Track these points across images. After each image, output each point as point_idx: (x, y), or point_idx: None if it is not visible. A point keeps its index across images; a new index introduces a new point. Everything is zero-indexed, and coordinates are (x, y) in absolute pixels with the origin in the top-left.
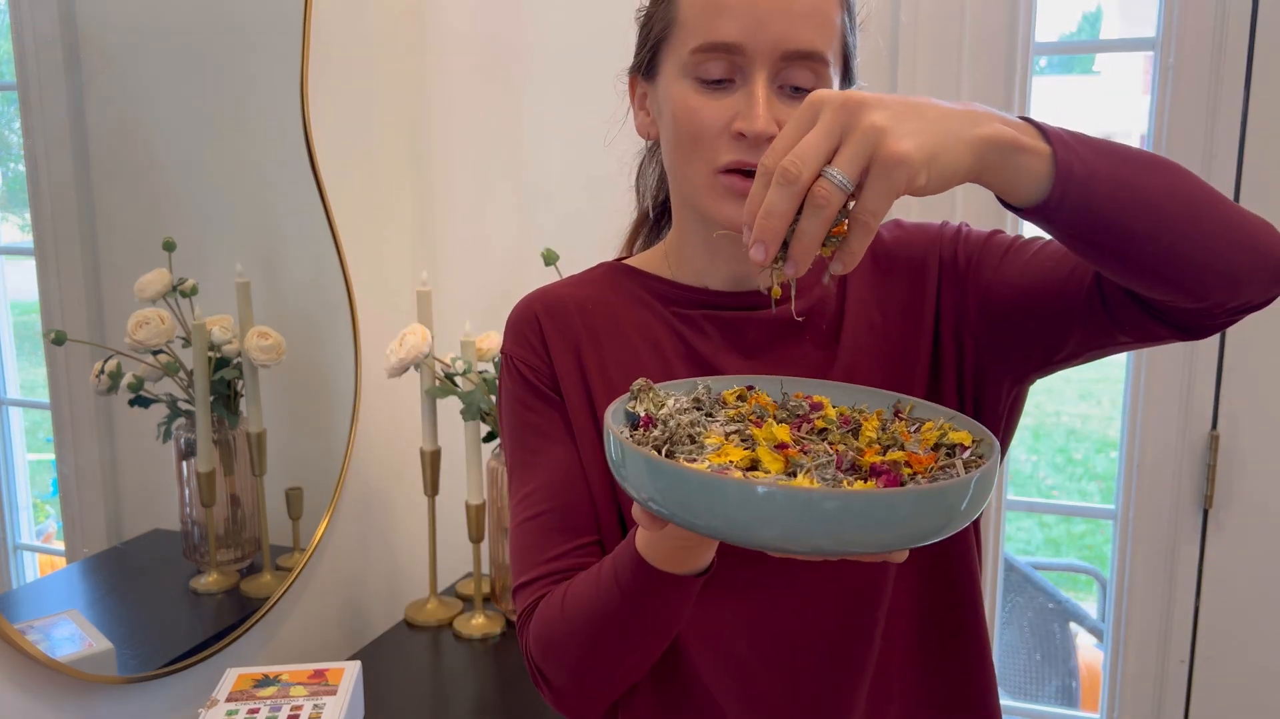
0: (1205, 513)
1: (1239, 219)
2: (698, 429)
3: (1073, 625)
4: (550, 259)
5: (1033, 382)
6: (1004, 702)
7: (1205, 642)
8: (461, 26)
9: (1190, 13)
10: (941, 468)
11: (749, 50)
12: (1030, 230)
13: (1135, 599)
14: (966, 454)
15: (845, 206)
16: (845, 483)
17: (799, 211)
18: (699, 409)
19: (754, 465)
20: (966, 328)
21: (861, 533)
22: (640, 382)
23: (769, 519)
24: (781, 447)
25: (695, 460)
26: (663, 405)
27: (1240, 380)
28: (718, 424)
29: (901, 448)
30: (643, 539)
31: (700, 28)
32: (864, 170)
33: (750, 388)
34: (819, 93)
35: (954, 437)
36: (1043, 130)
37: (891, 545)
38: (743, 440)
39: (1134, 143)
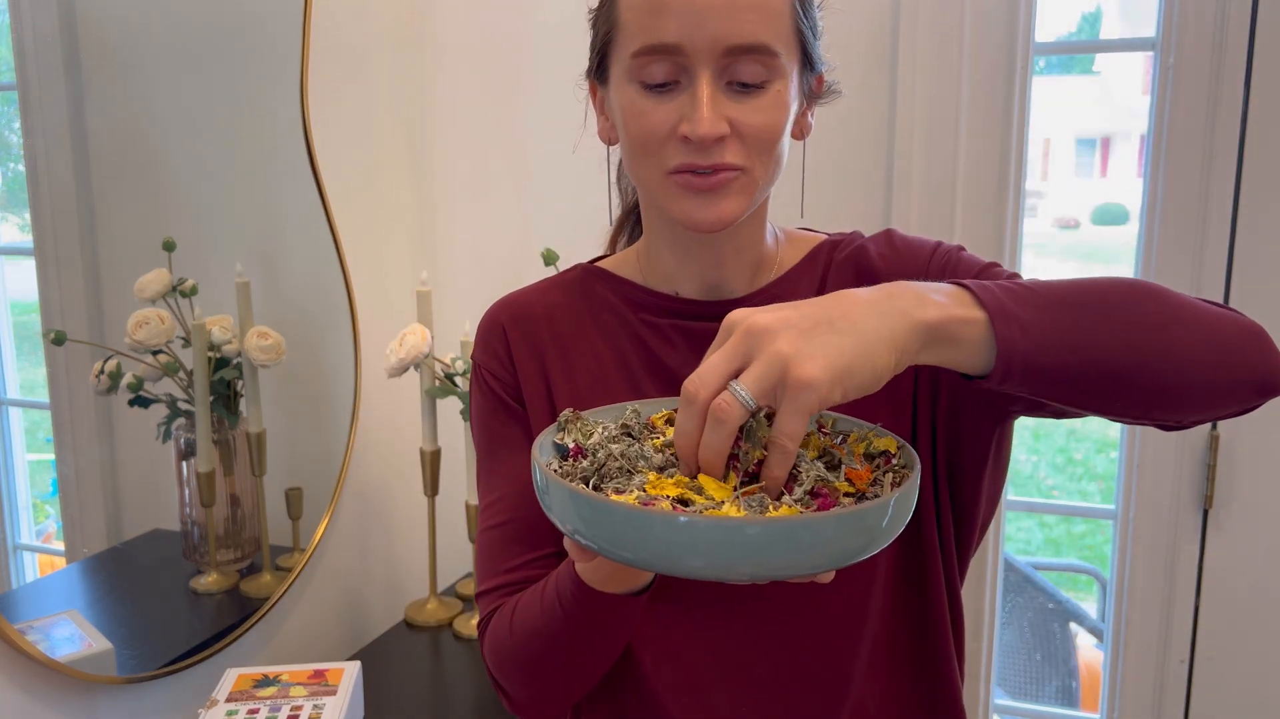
0: (1205, 513)
1: (1213, 339)
2: (627, 462)
3: (1073, 625)
4: (550, 259)
5: (1015, 418)
6: (1004, 702)
7: (1205, 642)
8: (462, 26)
9: (1190, 13)
10: (875, 481)
11: (689, 50)
12: (1029, 273)
13: (1135, 599)
14: (893, 462)
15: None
16: (773, 508)
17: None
18: (629, 435)
19: (683, 500)
20: (945, 377)
21: (786, 558)
22: (567, 412)
23: (693, 549)
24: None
25: (624, 492)
26: (591, 435)
27: None
28: (655, 456)
29: (838, 463)
30: (581, 564)
31: (639, 30)
32: (772, 392)
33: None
34: (732, 315)
35: (879, 444)
36: (976, 296)
37: (819, 567)
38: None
39: (1134, 143)
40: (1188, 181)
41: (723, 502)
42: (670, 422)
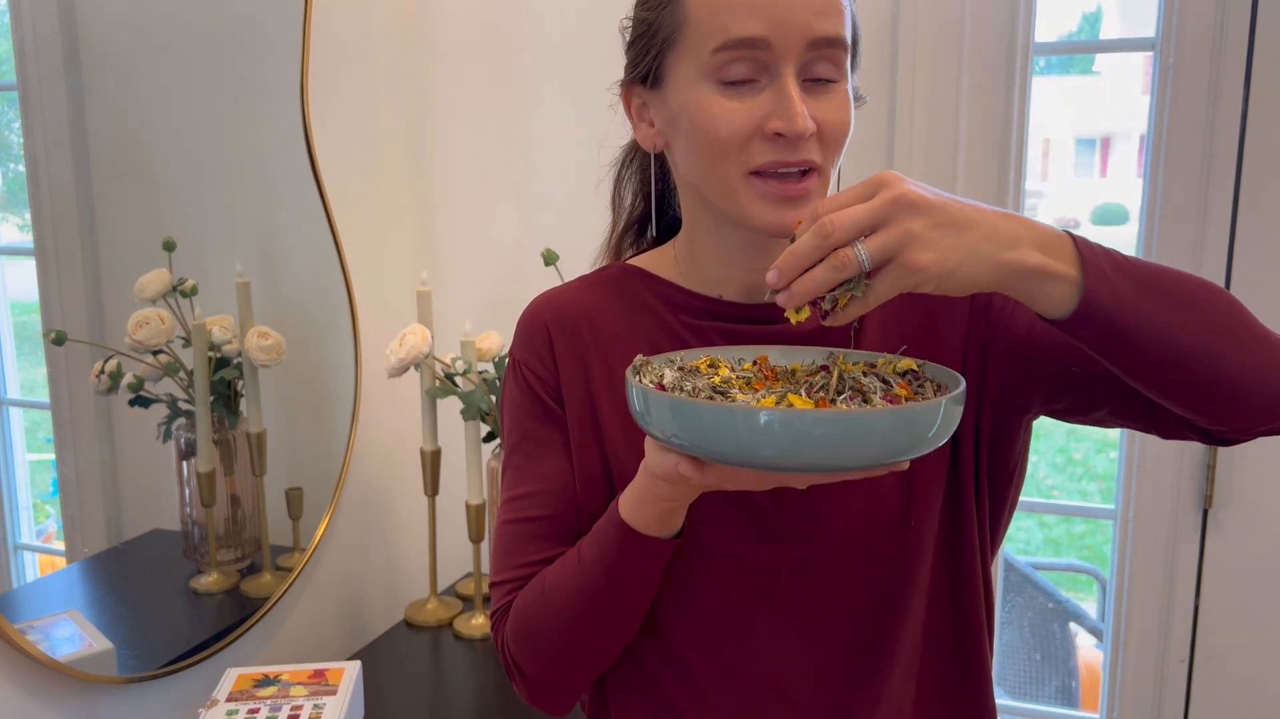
0: (1205, 513)
1: (1272, 357)
2: (714, 391)
3: (1073, 625)
4: (550, 259)
5: (1041, 414)
6: (1004, 702)
7: (1205, 642)
8: (462, 26)
9: (1190, 13)
10: (915, 393)
11: (776, 44)
12: None
13: (1135, 599)
14: (922, 377)
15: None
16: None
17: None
18: (684, 372)
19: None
20: (992, 370)
21: (843, 448)
22: (639, 358)
23: (767, 441)
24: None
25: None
26: (662, 376)
27: None
28: (734, 389)
29: (884, 381)
30: (631, 508)
31: (719, 26)
32: (885, 260)
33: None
34: (888, 174)
35: (903, 365)
36: (1081, 254)
37: (872, 461)
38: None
39: (1134, 143)
40: (1187, 181)
41: (833, 400)
42: (713, 365)
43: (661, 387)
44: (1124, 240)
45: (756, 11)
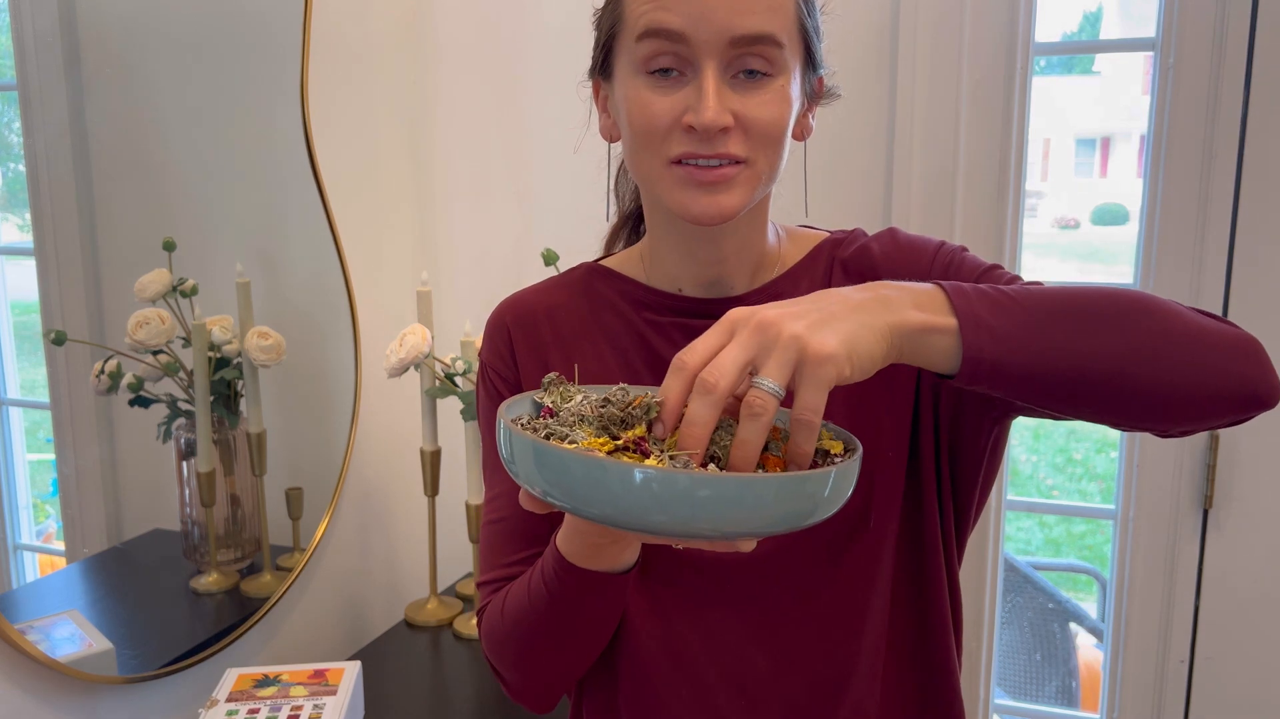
0: (1205, 513)
1: (1202, 352)
2: (573, 425)
3: (1073, 625)
4: (550, 259)
5: (1016, 416)
6: (1004, 701)
7: (1205, 642)
8: (462, 26)
9: (1190, 13)
10: (813, 466)
11: (693, 39)
12: (1029, 273)
13: (1135, 599)
14: (839, 459)
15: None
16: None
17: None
18: (609, 405)
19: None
20: (946, 387)
21: (731, 515)
22: (552, 375)
23: (649, 505)
24: (639, 444)
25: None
26: (570, 400)
27: None
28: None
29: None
30: (562, 538)
31: (642, 17)
32: (793, 375)
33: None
34: (733, 312)
35: (826, 444)
36: (952, 303)
37: (763, 529)
38: (611, 438)
39: (1134, 143)
40: (1188, 181)
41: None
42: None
43: (551, 411)
44: (1124, 240)
45: (677, 6)
